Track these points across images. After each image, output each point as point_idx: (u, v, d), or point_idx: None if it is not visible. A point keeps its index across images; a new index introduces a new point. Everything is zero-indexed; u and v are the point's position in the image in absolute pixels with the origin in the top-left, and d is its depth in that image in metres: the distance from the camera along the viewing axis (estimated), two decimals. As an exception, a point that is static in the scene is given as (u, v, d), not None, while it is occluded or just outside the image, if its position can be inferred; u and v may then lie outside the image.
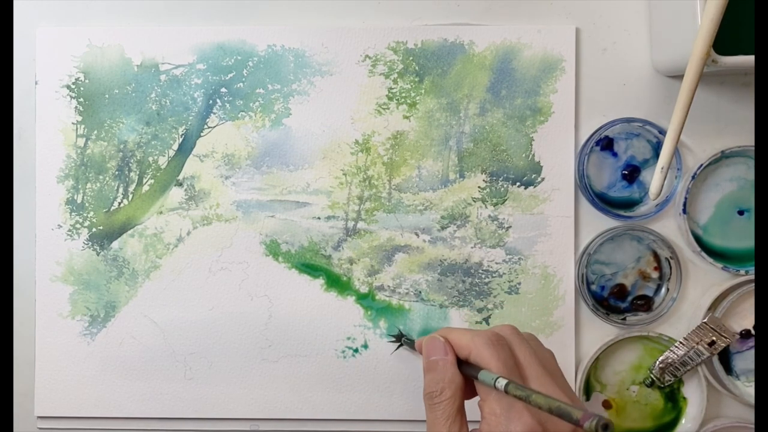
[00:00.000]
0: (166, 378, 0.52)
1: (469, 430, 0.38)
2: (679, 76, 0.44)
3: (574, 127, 0.51)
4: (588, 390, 0.51)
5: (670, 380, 0.50)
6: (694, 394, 0.51)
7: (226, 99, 0.51)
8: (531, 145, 0.51)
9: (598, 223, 0.51)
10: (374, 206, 0.51)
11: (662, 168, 0.44)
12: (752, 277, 0.50)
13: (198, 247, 0.51)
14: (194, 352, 0.52)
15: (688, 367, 0.49)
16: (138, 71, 0.51)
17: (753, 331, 0.50)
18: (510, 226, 0.51)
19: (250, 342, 0.52)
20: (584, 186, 0.50)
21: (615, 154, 0.51)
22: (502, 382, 0.35)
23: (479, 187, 0.51)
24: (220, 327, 0.52)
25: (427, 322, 0.51)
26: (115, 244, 0.52)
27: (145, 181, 0.52)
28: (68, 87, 0.51)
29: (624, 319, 0.51)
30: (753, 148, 0.49)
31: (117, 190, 0.52)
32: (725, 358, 0.51)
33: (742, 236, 0.51)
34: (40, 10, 0.52)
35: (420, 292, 0.51)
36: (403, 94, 0.51)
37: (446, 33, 0.51)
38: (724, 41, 0.42)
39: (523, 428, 0.34)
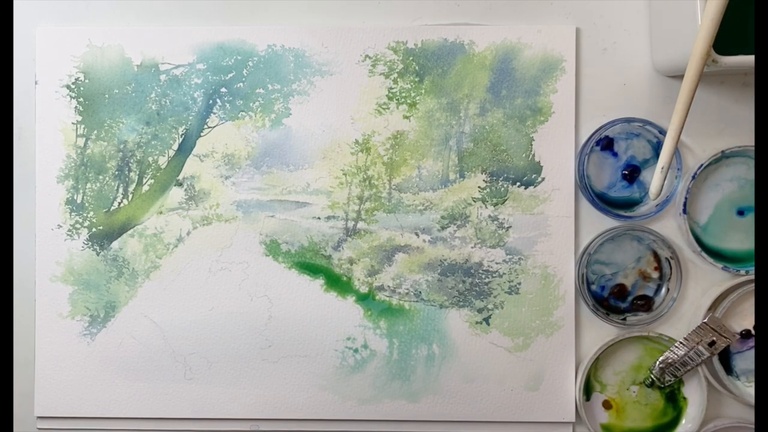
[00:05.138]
0: (166, 378, 0.52)
1: None
2: (679, 76, 0.44)
3: (574, 127, 0.51)
4: (588, 390, 0.51)
5: (670, 380, 0.50)
6: (694, 394, 0.51)
7: (226, 99, 0.51)
8: (531, 145, 0.51)
9: (598, 223, 0.51)
10: (374, 206, 0.51)
11: (662, 168, 0.44)
12: (752, 277, 0.50)
13: (198, 247, 0.51)
14: (194, 352, 0.52)
15: (689, 368, 0.49)
16: (138, 71, 0.51)
17: (753, 331, 0.50)
18: (510, 226, 0.51)
19: (250, 342, 0.52)
20: (584, 186, 0.50)
21: (615, 154, 0.51)
22: None
23: (479, 187, 0.51)
24: (220, 327, 0.52)
25: (427, 322, 0.51)
26: (115, 244, 0.52)
27: (145, 181, 0.52)
28: (68, 87, 0.51)
29: (624, 319, 0.51)
30: (753, 148, 0.49)
31: (117, 190, 0.52)
32: (725, 358, 0.51)
33: (742, 236, 0.51)
34: (40, 10, 0.52)
35: (420, 292, 0.51)
36: (403, 94, 0.51)
37: (446, 33, 0.51)
38: (724, 41, 0.42)
39: None
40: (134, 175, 0.52)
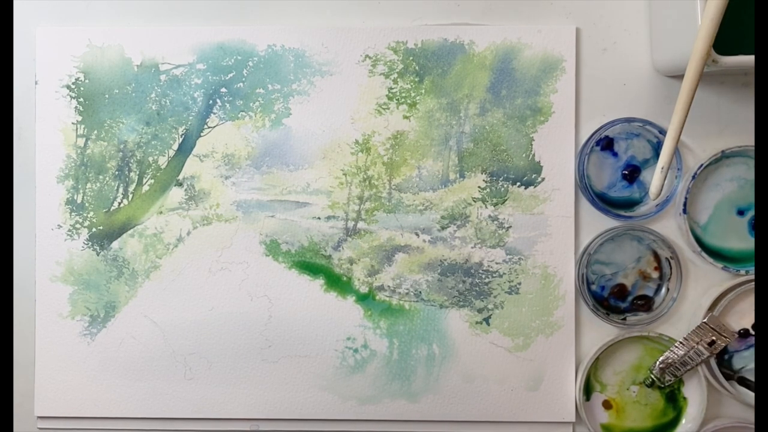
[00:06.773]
0: (166, 378, 0.52)
1: None
2: (679, 76, 0.44)
3: (574, 127, 0.51)
4: (588, 390, 0.51)
5: (670, 380, 0.50)
6: (694, 394, 0.51)
7: (226, 99, 0.51)
8: (531, 145, 0.51)
9: (598, 223, 0.51)
10: (374, 206, 0.51)
11: (662, 168, 0.44)
12: (752, 276, 0.50)
13: (198, 247, 0.51)
14: (194, 352, 0.52)
15: (688, 367, 0.49)
16: (138, 71, 0.51)
17: (752, 330, 0.50)
18: (510, 226, 0.51)
19: (250, 342, 0.52)
20: (584, 186, 0.50)
21: (615, 154, 0.51)
22: None
23: (479, 187, 0.51)
24: (220, 327, 0.52)
25: (427, 322, 0.51)
26: (115, 244, 0.52)
27: (145, 181, 0.52)
28: (68, 87, 0.51)
29: (624, 319, 0.51)
30: (753, 148, 0.49)
31: (117, 190, 0.52)
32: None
33: (742, 236, 0.51)
34: (40, 10, 0.52)
35: (420, 292, 0.51)
36: (403, 94, 0.51)
37: (446, 33, 0.51)
38: (724, 41, 0.42)
39: None
40: (134, 175, 0.51)
